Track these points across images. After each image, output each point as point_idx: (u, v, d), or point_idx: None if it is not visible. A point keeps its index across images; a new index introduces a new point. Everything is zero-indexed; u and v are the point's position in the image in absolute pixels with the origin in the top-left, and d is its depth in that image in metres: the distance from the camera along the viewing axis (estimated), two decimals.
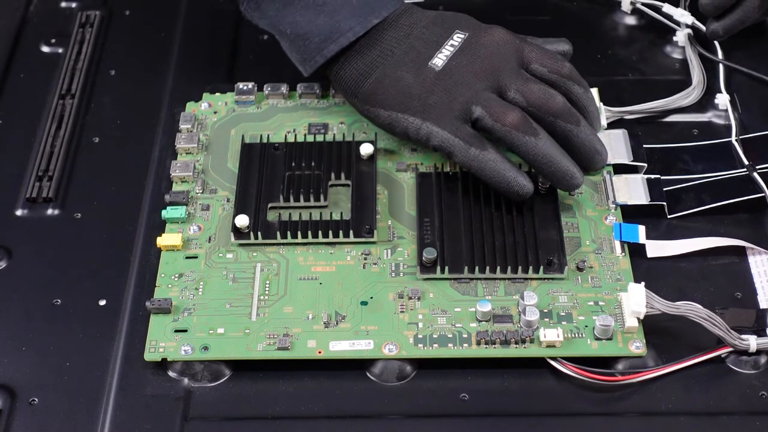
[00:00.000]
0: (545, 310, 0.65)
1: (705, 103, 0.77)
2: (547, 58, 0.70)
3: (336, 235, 0.68)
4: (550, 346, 0.63)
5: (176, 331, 0.65)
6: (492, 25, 0.71)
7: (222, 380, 0.64)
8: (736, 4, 0.77)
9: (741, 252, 0.69)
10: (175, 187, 0.72)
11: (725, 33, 0.78)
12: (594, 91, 0.75)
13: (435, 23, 0.71)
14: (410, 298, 0.66)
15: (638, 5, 0.83)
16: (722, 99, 0.77)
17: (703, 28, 0.80)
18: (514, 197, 0.68)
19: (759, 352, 0.64)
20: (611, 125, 0.75)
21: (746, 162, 0.72)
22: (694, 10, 0.80)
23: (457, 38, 0.70)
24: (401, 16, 0.72)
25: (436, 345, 0.64)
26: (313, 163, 0.72)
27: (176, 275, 0.67)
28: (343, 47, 0.71)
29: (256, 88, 0.77)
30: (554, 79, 0.69)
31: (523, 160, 0.68)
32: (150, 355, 0.64)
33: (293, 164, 0.72)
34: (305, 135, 0.75)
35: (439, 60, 0.70)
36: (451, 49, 0.70)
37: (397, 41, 0.71)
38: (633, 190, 0.71)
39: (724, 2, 0.77)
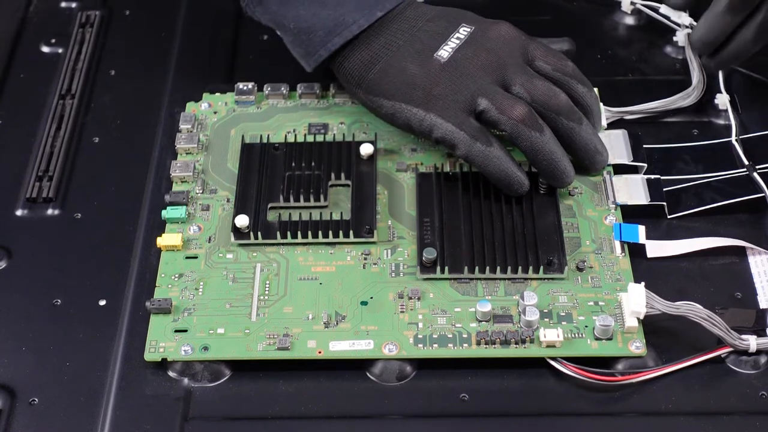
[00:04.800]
0: (545, 310, 0.65)
1: (705, 103, 0.77)
2: (552, 56, 0.70)
3: (336, 235, 0.68)
4: (550, 346, 0.63)
5: (176, 331, 0.65)
6: (498, 20, 0.71)
7: (222, 380, 0.64)
8: (730, 39, 0.74)
9: (741, 252, 0.69)
10: (175, 187, 0.72)
11: (718, 68, 0.76)
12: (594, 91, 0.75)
13: (440, 16, 0.72)
14: (410, 298, 0.66)
15: (638, 5, 0.83)
16: (722, 99, 0.77)
17: None
18: (512, 193, 0.69)
19: (759, 352, 0.64)
20: (611, 125, 0.75)
21: (746, 162, 0.72)
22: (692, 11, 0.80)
23: (463, 31, 0.70)
24: (406, 9, 0.72)
25: (436, 345, 0.64)
26: (313, 163, 0.72)
27: (176, 275, 0.67)
28: (347, 40, 0.71)
29: (256, 88, 0.77)
30: (558, 77, 0.69)
31: (523, 154, 0.68)
32: (150, 355, 0.64)
33: (293, 164, 0.72)
34: (305, 135, 0.75)
35: (444, 52, 0.69)
36: (457, 41, 0.70)
37: (402, 33, 0.71)
38: (633, 190, 0.71)
39: (714, 39, 0.75)
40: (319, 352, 0.64)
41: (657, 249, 0.68)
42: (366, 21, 0.71)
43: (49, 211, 0.73)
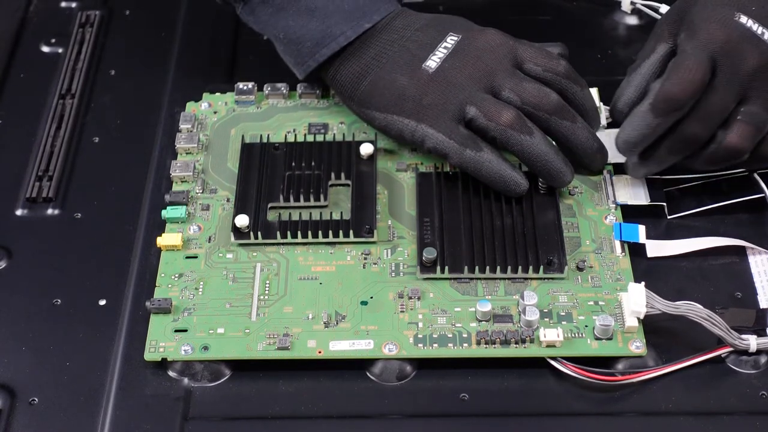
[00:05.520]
0: (545, 310, 0.65)
1: None
2: (542, 57, 0.70)
3: (336, 235, 0.68)
4: (550, 345, 0.63)
5: (176, 330, 0.65)
6: (485, 27, 0.71)
7: (222, 380, 0.64)
8: (654, 146, 0.68)
9: (741, 252, 0.69)
10: (175, 187, 0.72)
11: (640, 173, 0.70)
12: (594, 91, 0.75)
13: (429, 26, 0.72)
14: (410, 298, 0.66)
15: (638, 5, 0.83)
16: None
17: None
18: (511, 194, 0.69)
19: (759, 351, 0.63)
20: (611, 125, 0.75)
21: None
22: None
23: (451, 40, 0.70)
24: (395, 19, 0.72)
25: (436, 345, 0.64)
26: (313, 163, 0.72)
27: (176, 275, 0.67)
28: (336, 51, 0.71)
29: (256, 88, 0.77)
30: (549, 78, 0.69)
31: (517, 158, 0.68)
32: (150, 354, 0.64)
33: (293, 164, 0.72)
34: (305, 135, 0.75)
35: (432, 62, 0.70)
36: (444, 51, 0.70)
37: (391, 44, 0.71)
38: (633, 190, 0.71)
39: (636, 140, 0.67)
40: (319, 352, 0.64)
41: (657, 249, 0.68)
42: (353, 33, 0.71)
43: (49, 211, 0.73)
